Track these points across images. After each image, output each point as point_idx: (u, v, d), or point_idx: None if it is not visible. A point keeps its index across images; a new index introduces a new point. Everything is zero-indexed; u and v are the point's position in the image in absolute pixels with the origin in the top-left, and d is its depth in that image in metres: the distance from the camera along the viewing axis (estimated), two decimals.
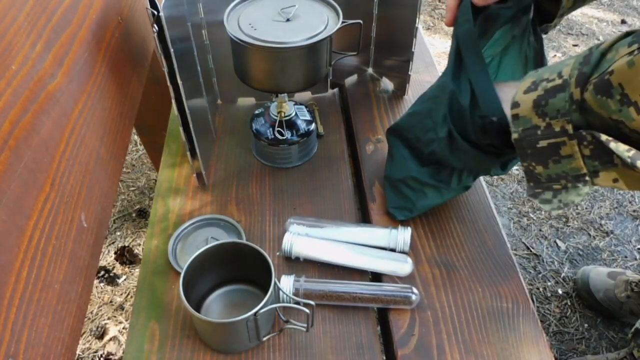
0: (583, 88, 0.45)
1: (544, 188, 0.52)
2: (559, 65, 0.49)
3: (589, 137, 0.46)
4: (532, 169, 0.52)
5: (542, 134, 0.49)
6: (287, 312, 0.65)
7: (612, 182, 0.47)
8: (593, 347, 1.19)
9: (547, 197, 0.52)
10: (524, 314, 0.66)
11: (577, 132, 0.46)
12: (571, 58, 0.48)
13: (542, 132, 0.49)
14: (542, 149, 0.49)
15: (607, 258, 1.38)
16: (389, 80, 1.04)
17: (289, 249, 0.70)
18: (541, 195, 0.53)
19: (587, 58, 0.46)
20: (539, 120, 0.49)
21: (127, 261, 1.37)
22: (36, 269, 0.53)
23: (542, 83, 0.49)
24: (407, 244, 0.71)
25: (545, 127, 0.48)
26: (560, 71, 0.48)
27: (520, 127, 0.50)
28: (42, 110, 0.58)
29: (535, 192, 0.53)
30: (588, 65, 0.45)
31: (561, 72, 0.47)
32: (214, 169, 0.87)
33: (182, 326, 0.65)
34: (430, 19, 2.48)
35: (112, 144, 0.76)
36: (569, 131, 0.47)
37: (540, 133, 0.49)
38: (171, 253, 0.72)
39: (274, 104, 0.84)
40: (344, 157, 0.89)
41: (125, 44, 0.86)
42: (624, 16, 2.49)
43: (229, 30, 0.71)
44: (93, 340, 1.21)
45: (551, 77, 0.48)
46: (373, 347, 0.63)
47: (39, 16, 0.60)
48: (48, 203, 0.56)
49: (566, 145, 0.47)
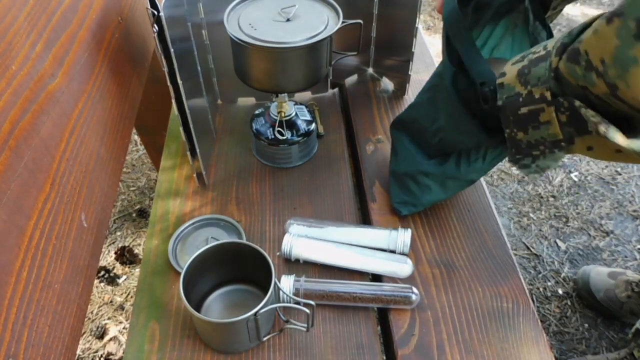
0: (560, 57, 0.47)
1: (524, 154, 0.55)
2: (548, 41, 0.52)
3: (565, 104, 0.48)
4: (514, 135, 0.54)
5: (523, 101, 0.51)
6: (287, 312, 0.65)
7: (586, 150, 0.49)
8: (593, 347, 1.19)
9: (526, 162, 0.55)
10: (524, 314, 0.66)
11: (554, 99, 0.49)
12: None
13: (523, 99, 0.51)
14: (523, 115, 0.52)
15: (607, 258, 1.38)
16: (389, 80, 1.04)
17: (289, 252, 0.70)
18: (521, 161, 0.56)
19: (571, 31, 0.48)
20: (521, 88, 0.51)
21: (127, 261, 1.37)
22: (36, 269, 0.53)
23: (529, 55, 0.52)
24: (407, 245, 0.71)
25: (527, 94, 0.51)
26: (546, 44, 0.50)
27: (505, 94, 0.53)
28: (42, 110, 0.58)
29: (516, 158, 0.56)
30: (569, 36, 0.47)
31: (547, 45, 0.50)
32: (214, 169, 0.87)
33: (182, 326, 0.65)
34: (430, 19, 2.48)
35: (112, 144, 0.76)
36: (547, 98, 0.49)
37: (522, 100, 0.51)
38: (171, 253, 0.72)
39: (274, 104, 0.84)
40: (344, 157, 0.89)
41: (126, 44, 0.86)
42: None
43: (229, 30, 0.70)
44: (93, 340, 1.21)
45: (537, 49, 0.51)
46: (373, 347, 0.63)
47: (39, 16, 0.60)
48: (48, 203, 0.56)
49: (544, 112, 0.50)
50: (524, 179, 1.59)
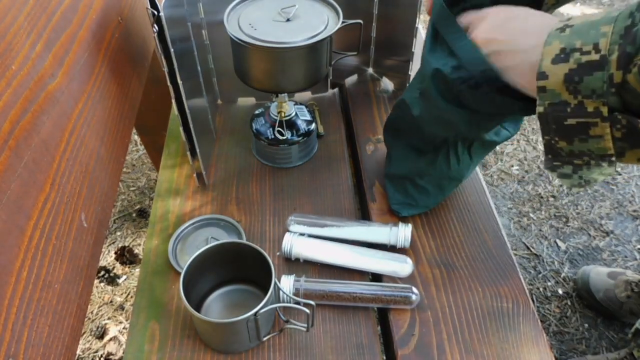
0: (626, 70, 0.41)
1: (564, 162, 0.49)
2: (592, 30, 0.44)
3: (623, 121, 0.43)
4: (554, 143, 0.48)
5: (572, 112, 0.45)
6: (287, 312, 0.65)
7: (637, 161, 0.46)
8: (593, 347, 1.19)
9: (567, 171, 0.50)
10: (524, 314, 0.66)
11: (612, 115, 0.43)
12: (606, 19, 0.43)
13: (572, 109, 0.45)
14: (569, 126, 0.46)
15: (607, 258, 1.38)
16: (389, 80, 1.04)
17: (289, 251, 0.70)
18: (560, 169, 0.50)
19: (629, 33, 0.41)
20: (569, 97, 0.45)
21: (127, 261, 1.37)
22: (36, 269, 0.53)
23: (575, 54, 0.43)
24: (408, 240, 0.71)
25: (577, 105, 0.44)
26: (597, 43, 0.43)
27: (547, 100, 0.46)
28: (42, 110, 0.58)
29: (554, 165, 0.50)
30: (632, 45, 0.40)
31: (598, 45, 0.42)
32: (214, 169, 0.87)
33: (182, 326, 0.65)
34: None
35: (112, 144, 0.76)
36: (604, 114, 0.43)
37: (570, 110, 0.45)
38: (171, 253, 0.72)
39: (274, 104, 0.84)
40: (344, 157, 0.89)
41: (126, 44, 0.86)
42: None
43: (229, 30, 0.70)
44: (93, 340, 1.21)
45: (586, 47, 0.43)
46: (373, 347, 0.63)
47: (39, 16, 0.60)
48: (48, 203, 0.56)
49: (597, 127, 0.44)
50: (523, 178, 1.59)
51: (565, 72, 0.44)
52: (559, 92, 0.45)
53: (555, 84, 0.45)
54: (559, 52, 0.45)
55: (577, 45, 0.44)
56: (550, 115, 0.47)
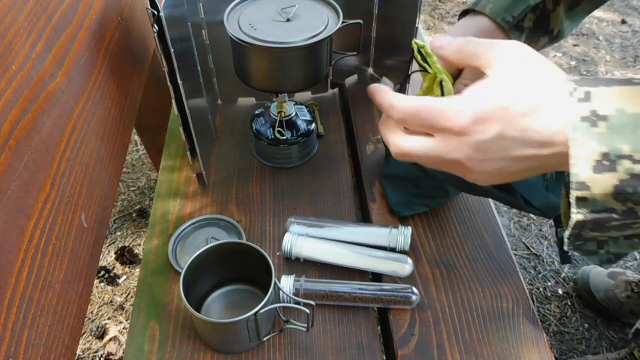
0: None
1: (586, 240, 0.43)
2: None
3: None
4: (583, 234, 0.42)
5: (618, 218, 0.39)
6: (287, 312, 0.65)
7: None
8: (593, 347, 1.19)
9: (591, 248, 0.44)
10: (524, 314, 0.66)
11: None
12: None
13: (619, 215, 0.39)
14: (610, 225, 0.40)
15: None
16: (389, 80, 1.04)
17: (289, 250, 0.70)
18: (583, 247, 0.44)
19: None
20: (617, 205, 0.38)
21: (127, 261, 1.37)
22: (36, 269, 0.53)
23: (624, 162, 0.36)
24: (407, 243, 0.71)
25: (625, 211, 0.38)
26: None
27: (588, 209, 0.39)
28: (42, 110, 0.58)
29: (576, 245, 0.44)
30: None
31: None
32: (214, 169, 0.87)
33: (182, 326, 0.65)
34: (430, 19, 2.48)
35: (112, 144, 0.76)
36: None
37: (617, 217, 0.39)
38: (171, 253, 0.72)
39: (274, 104, 0.84)
40: (344, 157, 0.89)
41: (126, 44, 0.86)
42: (624, 16, 2.49)
43: (229, 30, 0.70)
44: (93, 340, 1.21)
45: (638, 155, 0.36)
46: (373, 347, 0.63)
47: (39, 16, 0.60)
48: (48, 203, 0.56)
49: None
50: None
51: (614, 183, 0.37)
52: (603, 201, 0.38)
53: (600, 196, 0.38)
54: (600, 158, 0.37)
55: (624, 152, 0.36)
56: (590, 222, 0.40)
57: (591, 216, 0.39)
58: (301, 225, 0.74)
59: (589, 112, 0.37)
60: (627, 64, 2.19)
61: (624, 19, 2.47)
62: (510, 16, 0.65)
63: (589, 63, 2.19)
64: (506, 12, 0.65)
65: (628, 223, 0.39)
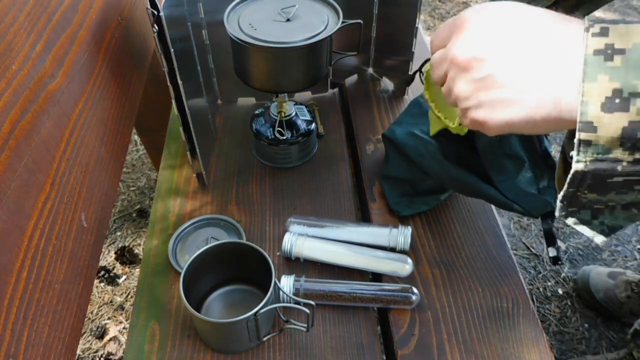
0: None
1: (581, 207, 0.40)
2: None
3: None
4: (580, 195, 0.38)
5: (622, 170, 0.35)
6: (287, 312, 0.65)
7: None
8: (593, 347, 1.19)
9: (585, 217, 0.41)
10: (524, 314, 0.66)
11: None
12: None
13: (624, 168, 0.35)
14: (611, 182, 0.37)
15: (607, 258, 1.38)
16: (389, 80, 1.04)
17: (289, 250, 0.70)
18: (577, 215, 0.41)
19: None
20: (623, 154, 0.35)
21: (127, 261, 1.37)
22: (36, 269, 0.53)
23: (637, 100, 0.33)
24: (407, 243, 0.71)
25: (631, 162, 0.35)
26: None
27: (590, 156, 0.35)
28: (42, 110, 0.58)
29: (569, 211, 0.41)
30: None
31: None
32: (214, 169, 0.87)
33: (182, 326, 0.65)
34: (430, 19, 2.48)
35: (112, 144, 0.76)
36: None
37: (621, 169, 0.35)
38: (171, 253, 0.72)
39: (274, 104, 0.84)
40: (344, 157, 0.89)
41: (126, 44, 0.86)
42: (624, 16, 2.49)
43: (229, 30, 0.70)
44: (93, 340, 1.21)
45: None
46: (373, 347, 0.63)
47: (39, 16, 0.60)
48: (48, 203, 0.56)
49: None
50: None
51: (623, 125, 0.33)
52: (608, 148, 0.35)
53: (607, 139, 0.34)
54: (611, 95, 0.34)
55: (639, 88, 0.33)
56: (590, 174, 0.36)
57: (593, 166, 0.36)
58: (301, 225, 0.74)
59: (604, 45, 0.34)
60: None
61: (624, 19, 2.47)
62: None
63: None
64: None
65: (631, 180, 0.36)
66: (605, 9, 2.53)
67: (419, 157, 0.74)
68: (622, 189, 0.37)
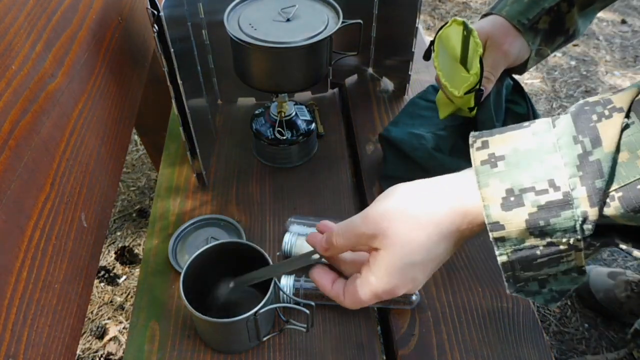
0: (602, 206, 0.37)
1: (526, 281, 0.43)
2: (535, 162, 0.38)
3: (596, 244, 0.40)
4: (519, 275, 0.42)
5: (541, 253, 0.40)
6: (287, 312, 0.65)
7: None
8: (593, 347, 1.19)
9: (533, 288, 0.44)
10: (524, 314, 0.66)
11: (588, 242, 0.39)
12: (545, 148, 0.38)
13: (541, 251, 0.40)
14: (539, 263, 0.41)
15: (607, 258, 1.38)
16: (389, 80, 1.04)
17: (289, 250, 0.70)
18: (526, 288, 0.44)
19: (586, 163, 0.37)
20: (536, 241, 0.39)
21: (127, 261, 1.37)
22: (36, 269, 0.53)
23: (528, 195, 0.38)
24: None
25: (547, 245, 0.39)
26: (552, 179, 0.37)
27: (509, 248, 0.40)
28: (42, 110, 0.58)
29: (517, 288, 0.44)
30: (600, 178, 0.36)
31: (554, 181, 0.37)
32: (214, 169, 0.87)
33: (182, 326, 0.65)
34: (430, 19, 2.48)
35: (112, 144, 0.76)
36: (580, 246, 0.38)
37: (540, 253, 0.40)
38: (171, 253, 0.72)
39: (274, 104, 0.84)
40: (344, 157, 0.89)
41: (126, 44, 0.86)
42: (624, 16, 2.49)
43: (229, 30, 0.71)
44: (93, 340, 1.21)
45: (540, 186, 0.38)
46: (373, 347, 0.63)
47: (39, 16, 0.60)
48: (48, 203, 0.56)
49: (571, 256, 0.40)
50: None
51: (525, 218, 0.38)
52: (521, 238, 0.39)
53: (515, 233, 0.39)
54: (505, 195, 0.39)
55: (525, 184, 0.38)
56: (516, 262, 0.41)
57: (515, 255, 0.40)
58: (301, 225, 0.74)
59: (487, 156, 0.40)
60: (627, 64, 2.19)
61: (624, 19, 2.47)
62: (526, 19, 0.68)
63: (589, 63, 2.19)
64: (521, 15, 0.68)
65: (555, 258, 0.40)
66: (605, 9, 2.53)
67: (413, 151, 0.75)
68: (551, 264, 0.40)
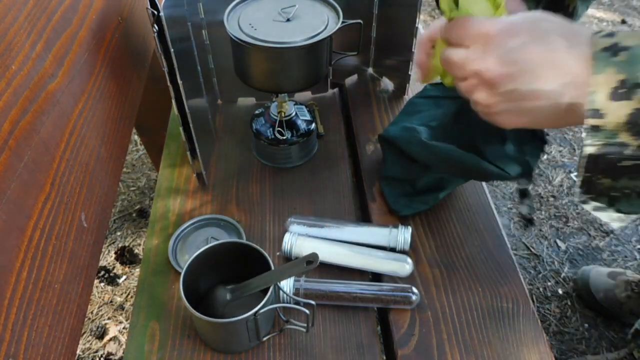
0: None
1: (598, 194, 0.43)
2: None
3: None
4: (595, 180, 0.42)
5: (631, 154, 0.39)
6: (288, 312, 0.65)
7: None
8: (593, 347, 1.19)
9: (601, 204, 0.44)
10: (524, 314, 0.66)
11: None
12: None
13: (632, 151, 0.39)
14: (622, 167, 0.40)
15: (607, 258, 1.38)
16: (389, 80, 1.04)
17: (289, 250, 0.70)
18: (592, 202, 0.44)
19: None
20: (630, 139, 0.38)
21: (127, 261, 1.37)
22: (36, 269, 0.53)
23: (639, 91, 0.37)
24: (407, 243, 0.71)
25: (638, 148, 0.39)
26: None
27: (601, 141, 0.39)
28: (42, 110, 0.58)
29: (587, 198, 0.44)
30: None
31: None
32: (214, 169, 0.87)
33: (182, 326, 0.65)
34: (430, 19, 2.48)
35: (112, 144, 0.76)
36: None
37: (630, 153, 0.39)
38: (171, 253, 0.72)
39: (274, 104, 0.84)
40: (344, 157, 0.89)
41: (126, 44, 0.86)
42: (624, 16, 2.49)
43: (229, 30, 0.71)
44: (93, 340, 1.21)
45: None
46: (373, 347, 0.63)
47: (39, 16, 0.60)
48: (48, 203, 0.56)
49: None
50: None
51: (628, 112, 0.37)
52: (616, 132, 0.39)
53: (614, 124, 0.38)
54: (617, 85, 0.38)
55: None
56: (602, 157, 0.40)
57: (604, 149, 0.39)
58: (301, 225, 0.74)
59: (610, 44, 0.39)
60: None
61: (624, 19, 2.47)
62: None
63: None
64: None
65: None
66: (605, 9, 2.53)
67: (408, 145, 0.75)
68: (633, 173, 0.40)
